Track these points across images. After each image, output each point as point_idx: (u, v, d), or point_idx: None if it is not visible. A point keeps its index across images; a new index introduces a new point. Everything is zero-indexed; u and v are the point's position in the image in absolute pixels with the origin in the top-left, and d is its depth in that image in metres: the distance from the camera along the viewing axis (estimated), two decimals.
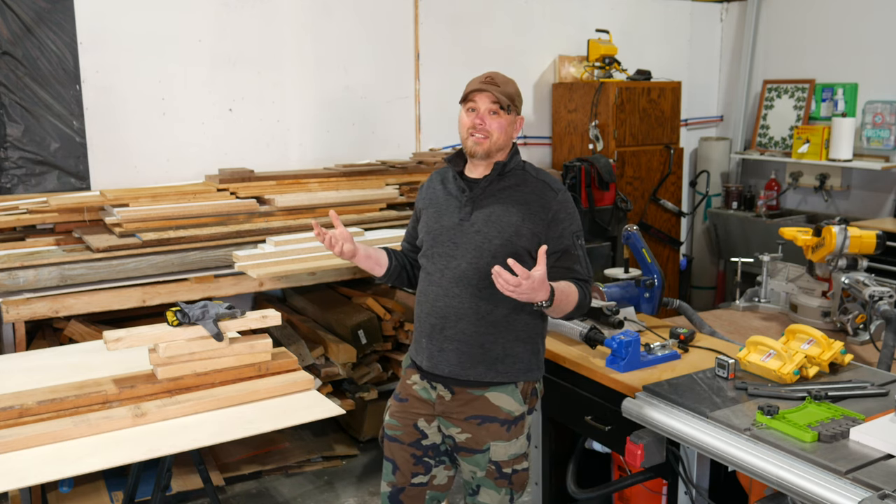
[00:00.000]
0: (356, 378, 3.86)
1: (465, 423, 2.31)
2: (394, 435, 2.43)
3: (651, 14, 5.63)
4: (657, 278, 2.91)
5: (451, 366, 2.29)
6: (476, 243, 2.25)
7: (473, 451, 2.32)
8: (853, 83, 5.15)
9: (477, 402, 2.30)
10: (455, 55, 4.76)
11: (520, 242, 2.23)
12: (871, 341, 2.72)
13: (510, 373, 2.29)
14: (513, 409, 2.30)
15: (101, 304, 3.28)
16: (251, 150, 4.23)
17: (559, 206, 2.26)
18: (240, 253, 3.48)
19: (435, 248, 2.33)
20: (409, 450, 2.41)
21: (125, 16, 3.82)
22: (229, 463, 3.75)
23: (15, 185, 3.67)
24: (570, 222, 2.28)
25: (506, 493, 2.35)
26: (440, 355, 2.31)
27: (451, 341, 2.28)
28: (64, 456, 2.14)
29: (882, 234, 2.91)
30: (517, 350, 2.30)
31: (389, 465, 2.45)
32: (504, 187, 2.29)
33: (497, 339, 2.27)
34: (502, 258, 2.13)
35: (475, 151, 2.27)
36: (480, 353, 2.27)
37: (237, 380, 2.56)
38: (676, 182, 5.30)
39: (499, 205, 2.27)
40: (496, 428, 2.30)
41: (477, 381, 2.29)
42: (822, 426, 1.91)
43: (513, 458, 2.32)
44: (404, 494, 2.43)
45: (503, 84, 2.26)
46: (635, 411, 2.23)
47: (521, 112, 2.33)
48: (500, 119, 2.24)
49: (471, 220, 2.27)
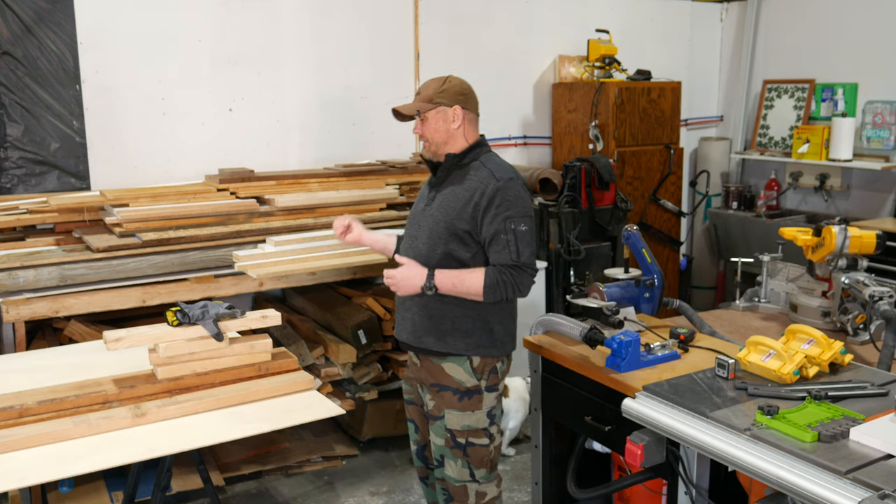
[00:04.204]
0: (356, 378, 3.86)
1: (431, 390, 2.63)
2: (409, 398, 2.80)
3: (651, 14, 5.63)
4: (657, 278, 2.91)
5: (407, 333, 2.64)
6: (430, 226, 2.57)
7: (435, 418, 2.63)
8: (853, 83, 5.14)
9: (436, 369, 2.61)
10: (455, 55, 4.76)
11: (459, 225, 2.51)
12: (871, 341, 2.71)
13: (458, 346, 2.56)
14: (463, 379, 2.58)
15: (101, 304, 3.28)
16: (251, 150, 4.23)
17: (496, 193, 2.48)
18: (240, 253, 3.48)
19: (408, 231, 2.69)
20: (421, 410, 2.75)
21: (125, 16, 3.82)
22: (229, 463, 3.75)
23: (15, 185, 3.67)
24: (505, 208, 2.48)
25: (463, 466, 2.61)
26: (402, 324, 2.67)
27: (409, 311, 2.62)
28: (64, 456, 2.14)
29: (882, 234, 2.90)
30: (466, 325, 2.56)
31: (412, 426, 2.83)
32: (457, 177, 2.59)
33: (445, 314, 2.55)
34: (445, 239, 2.51)
35: (425, 154, 2.65)
36: (430, 324, 2.57)
37: (237, 380, 2.56)
38: (676, 182, 5.30)
39: (450, 192, 2.57)
40: (450, 396, 2.59)
41: (429, 349, 2.59)
42: (822, 426, 1.91)
43: (466, 429, 2.59)
44: (428, 450, 2.79)
45: (423, 90, 2.59)
46: (635, 411, 2.23)
47: (455, 102, 2.57)
48: (425, 123, 2.58)
49: (432, 206, 2.60)
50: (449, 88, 2.57)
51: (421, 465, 2.87)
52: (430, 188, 2.66)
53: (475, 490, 2.63)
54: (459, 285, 2.48)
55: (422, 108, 2.56)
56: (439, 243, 2.53)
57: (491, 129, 4.87)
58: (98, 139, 3.83)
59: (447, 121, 2.56)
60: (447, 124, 2.56)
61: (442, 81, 2.59)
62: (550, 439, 2.86)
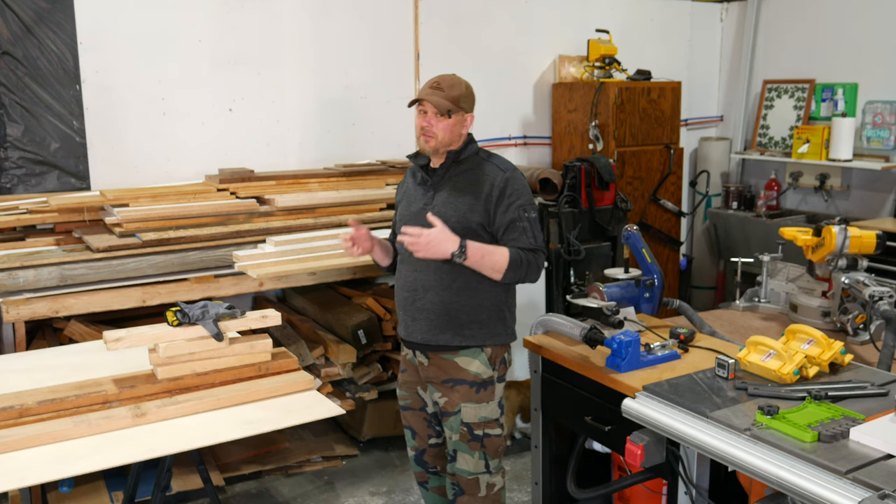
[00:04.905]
0: (356, 378, 3.86)
1: (442, 387, 2.63)
2: (406, 404, 2.80)
3: (651, 14, 5.63)
4: (657, 278, 2.91)
5: (422, 333, 2.61)
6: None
7: (449, 414, 2.63)
8: (853, 83, 5.14)
9: (448, 365, 2.61)
10: (455, 55, 4.75)
11: (473, 219, 2.54)
12: (871, 341, 2.71)
13: (476, 336, 2.59)
14: (480, 371, 2.61)
15: (101, 304, 3.28)
16: (251, 150, 4.23)
17: (505, 183, 2.55)
18: (240, 253, 3.48)
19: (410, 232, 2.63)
20: (421, 414, 2.77)
21: (125, 16, 3.82)
22: (229, 463, 3.75)
23: (15, 185, 3.67)
24: (516, 197, 2.55)
25: (480, 458, 2.64)
26: (413, 324, 2.63)
27: (422, 311, 2.59)
28: (64, 456, 2.14)
29: (882, 234, 2.90)
30: (482, 316, 2.59)
31: (409, 432, 2.83)
32: (459, 172, 2.61)
33: (462, 307, 2.56)
34: (459, 234, 2.47)
35: (424, 149, 2.62)
36: (447, 320, 2.57)
37: (237, 380, 2.56)
38: (676, 182, 5.29)
39: (455, 188, 2.58)
40: (466, 389, 2.60)
41: (446, 345, 2.58)
42: (822, 426, 1.91)
43: (483, 420, 2.63)
44: (427, 455, 2.83)
45: (448, 89, 2.58)
46: (635, 411, 2.23)
47: (472, 109, 2.65)
48: (444, 122, 2.56)
49: (433, 204, 2.59)
50: (469, 95, 2.64)
51: (420, 470, 2.87)
52: (426, 188, 2.65)
53: (486, 482, 2.67)
54: (488, 256, 2.49)
55: (453, 109, 2.58)
56: None
57: (491, 129, 4.88)
58: (98, 139, 3.82)
59: (462, 126, 2.62)
60: (460, 128, 2.62)
61: (463, 86, 2.62)
62: (550, 439, 2.86)
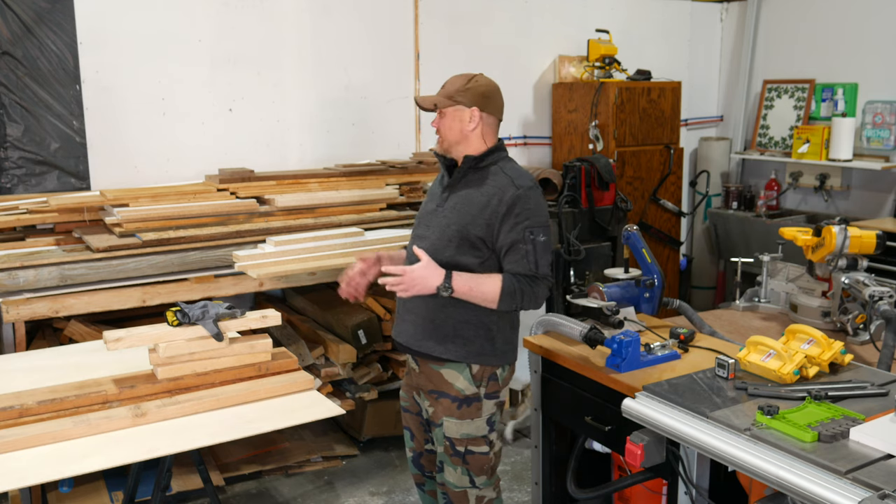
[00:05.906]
0: (356, 378, 3.86)
1: (429, 397, 2.57)
2: (405, 406, 2.75)
3: (651, 14, 5.63)
4: (657, 278, 2.91)
5: (408, 336, 2.56)
6: (441, 227, 2.49)
7: (435, 425, 2.57)
8: (853, 83, 5.14)
9: (435, 375, 2.54)
10: (455, 55, 4.76)
11: (473, 230, 2.42)
12: (871, 341, 2.71)
13: (460, 353, 2.49)
14: (462, 387, 2.50)
15: (101, 304, 3.28)
16: (251, 150, 4.23)
17: (515, 200, 2.41)
18: (240, 253, 3.48)
19: (416, 230, 2.61)
20: (418, 419, 2.72)
21: (125, 16, 3.82)
22: (229, 463, 3.75)
23: (15, 185, 3.67)
24: (525, 217, 2.41)
25: (463, 473, 2.56)
26: (401, 325, 2.59)
27: (410, 313, 2.55)
28: (64, 456, 2.14)
29: (882, 234, 2.90)
30: (468, 332, 2.48)
31: (407, 433, 2.78)
32: (474, 179, 2.50)
33: (447, 318, 2.47)
34: (456, 243, 2.42)
35: (437, 150, 2.58)
36: (431, 328, 2.49)
37: (237, 380, 2.56)
38: (676, 182, 5.30)
39: (465, 195, 2.48)
40: (448, 403, 2.52)
41: (430, 354, 2.51)
42: (822, 426, 1.91)
43: (466, 437, 2.53)
44: (424, 458, 2.77)
45: (448, 85, 2.52)
46: (635, 411, 2.23)
47: (476, 104, 2.49)
48: (443, 118, 2.50)
49: (444, 207, 2.52)
50: (473, 88, 2.49)
51: (417, 472, 2.83)
52: (444, 188, 2.56)
53: (475, 495, 2.59)
54: (476, 288, 2.38)
55: (440, 103, 2.49)
56: (449, 247, 2.44)
57: None
58: (98, 139, 3.82)
59: (462, 121, 2.48)
60: (462, 124, 2.48)
61: (467, 80, 2.51)
62: (550, 439, 2.86)
